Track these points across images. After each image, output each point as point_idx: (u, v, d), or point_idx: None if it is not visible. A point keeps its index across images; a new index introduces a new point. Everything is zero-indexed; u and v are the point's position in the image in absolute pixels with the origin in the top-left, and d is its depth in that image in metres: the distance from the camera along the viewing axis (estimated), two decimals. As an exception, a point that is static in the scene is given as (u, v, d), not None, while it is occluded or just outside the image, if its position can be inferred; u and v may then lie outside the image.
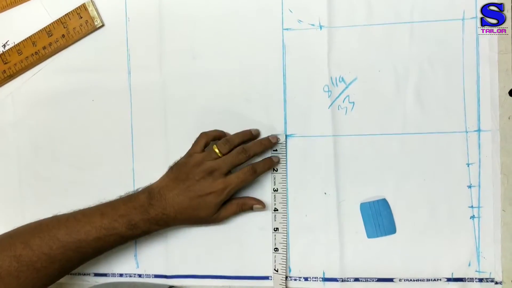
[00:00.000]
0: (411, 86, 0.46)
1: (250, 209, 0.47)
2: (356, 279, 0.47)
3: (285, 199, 0.48)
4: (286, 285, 0.48)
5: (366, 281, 0.47)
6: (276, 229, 0.48)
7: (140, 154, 0.50)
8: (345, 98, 0.47)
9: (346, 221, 0.47)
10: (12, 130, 0.53)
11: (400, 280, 0.47)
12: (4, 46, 0.52)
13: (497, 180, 0.45)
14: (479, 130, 0.45)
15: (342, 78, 0.47)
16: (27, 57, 0.51)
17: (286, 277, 0.48)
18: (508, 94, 0.44)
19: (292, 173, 0.48)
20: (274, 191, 0.48)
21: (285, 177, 0.48)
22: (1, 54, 0.51)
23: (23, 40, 0.51)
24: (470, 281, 0.46)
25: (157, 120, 0.50)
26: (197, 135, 0.49)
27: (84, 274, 0.52)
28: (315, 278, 0.48)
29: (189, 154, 0.46)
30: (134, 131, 0.50)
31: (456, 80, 0.45)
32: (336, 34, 0.46)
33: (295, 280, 0.48)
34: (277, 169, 0.48)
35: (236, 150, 0.45)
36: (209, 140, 0.46)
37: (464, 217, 0.46)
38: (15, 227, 0.44)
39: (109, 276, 0.52)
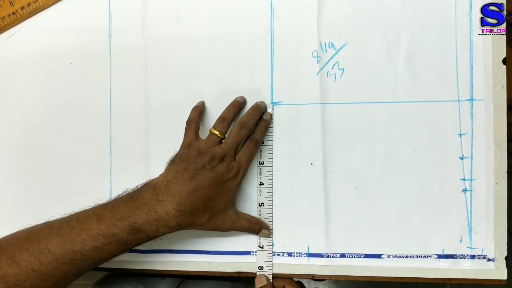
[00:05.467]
0: (402, 53, 0.44)
1: (257, 232, 0.45)
2: (342, 255, 0.45)
3: (271, 173, 0.46)
4: (272, 262, 0.45)
5: (352, 257, 0.45)
6: (261, 204, 0.46)
7: (118, 121, 0.48)
8: (334, 65, 0.45)
9: (333, 193, 0.45)
10: (-16, 94, 0.50)
11: (388, 256, 0.44)
12: (-21, 5, 0.49)
13: (490, 151, 0.43)
14: (471, 99, 0.43)
15: (332, 43, 0.45)
16: (3, 17, 0.49)
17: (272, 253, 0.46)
18: (502, 63, 0.43)
19: (277, 142, 0.46)
20: (260, 164, 0.46)
21: (271, 150, 0.46)
22: (-24, 12, 0.49)
23: (0, -1, 0.49)
24: (462, 257, 0.44)
25: (137, 85, 0.48)
26: (178, 101, 0.47)
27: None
28: (299, 253, 0.45)
29: (188, 144, 0.42)
30: (112, 95, 0.48)
31: (449, 47, 0.43)
32: (326, -3, 0.45)
33: (278, 255, 0.46)
34: (263, 141, 0.46)
35: (236, 127, 0.42)
36: (198, 123, 0.44)
37: (456, 190, 0.44)
38: None
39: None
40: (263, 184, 0.46)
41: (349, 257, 0.45)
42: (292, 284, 0.45)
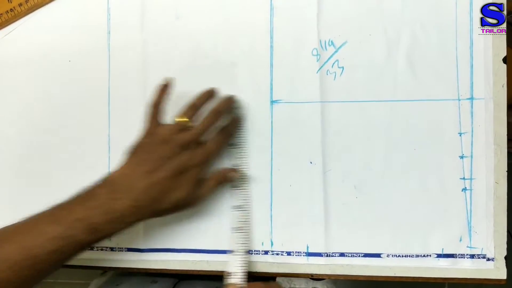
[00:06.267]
0: (402, 52, 0.44)
1: (228, 180, 0.44)
2: (342, 254, 0.45)
3: (245, 176, 0.45)
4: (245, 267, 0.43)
5: (352, 256, 0.44)
6: (236, 207, 0.45)
7: (117, 118, 0.48)
8: (334, 63, 0.45)
9: (332, 192, 0.45)
10: (-18, 91, 0.50)
11: (388, 255, 0.44)
12: (-23, 1, 0.49)
13: (490, 150, 0.43)
14: (472, 98, 0.43)
15: (332, 41, 0.45)
16: (1, 14, 0.49)
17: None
18: (502, 61, 0.43)
19: (276, 141, 0.45)
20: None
21: (242, 152, 0.45)
22: (-26, 9, 0.48)
23: (-2, -5, 0.48)
24: (461, 257, 0.43)
25: (136, 82, 0.47)
26: (179, 99, 0.46)
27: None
28: (298, 252, 0.45)
29: (149, 132, 0.41)
30: (111, 93, 0.48)
31: (449, 46, 0.43)
32: (326, -5, 0.45)
33: (277, 254, 0.45)
34: (235, 143, 0.45)
35: (209, 114, 0.41)
36: (161, 108, 0.41)
37: (456, 190, 0.43)
38: None
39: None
40: (237, 186, 0.45)
41: (349, 256, 0.45)
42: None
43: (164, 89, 0.42)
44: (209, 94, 0.43)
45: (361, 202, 0.44)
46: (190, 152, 0.40)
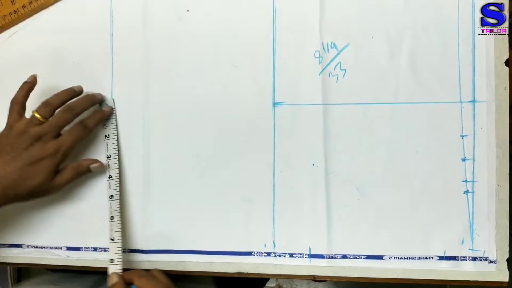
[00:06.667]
0: (404, 54, 0.44)
1: (88, 170, 0.46)
2: (344, 256, 0.45)
3: (117, 166, 0.47)
4: (122, 253, 0.45)
5: (354, 258, 0.45)
6: (111, 197, 0.46)
7: (119, 121, 0.48)
8: (336, 65, 0.45)
9: (334, 194, 0.45)
10: (-15, 93, 0.50)
11: (390, 258, 0.44)
12: (-19, 3, 0.49)
13: (492, 153, 0.43)
14: (474, 101, 0.43)
15: (334, 44, 0.45)
16: (5, 15, 0.49)
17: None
18: (504, 64, 0.43)
19: (279, 143, 0.46)
20: (108, 157, 0.47)
21: (116, 143, 0.47)
22: (-22, 11, 0.49)
23: (2, -3, 0.49)
24: (463, 259, 0.43)
25: (138, 84, 0.47)
26: (181, 100, 0.47)
27: (56, 248, 0.49)
28: (300, 254, 0.45)
29: (9, 125, 0.44)
30: (114, 94, 0.48)
31: (451, 48, 0.43)
32: (329, -3, 0.45)
33: (280, 256, 0.46)
34: (108, 135, 0.47)
35: (61, 109, 0.44)
36: (23, 103, 0.45)
37: (458, 192, 0.44)
38: None
39: (82, 250, 0.49)
40: (111, 177, 0.47)
41: (351, 258, 0.45)
42: (140, 276, 0.42)
43: (26, 86, 0.45)
44: (72, 93, 0.45)
45: (363, 204, 0.44)
46: (42, 144, 0.43)
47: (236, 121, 0.46)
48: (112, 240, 0.46)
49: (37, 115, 0.43)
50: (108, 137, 0.47)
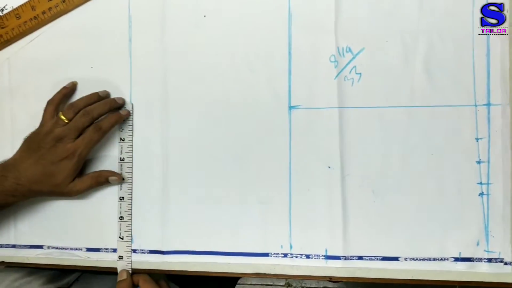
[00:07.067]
0: (419, 58, 0.44)
1: (106, 181, 0.48)
2: (360, 257, 0.45)
3: (131, 168, 0.48)
4: (131, 251, 0.48)
5: (370, 259, 0.45)
6: (121, 198, 0.48)
7: (138, 125, 0.49)
8: (351, 69, 0.45)
9: (350, 196, 0.45)
10: (7, 97, 0.51)
11: (405, 259, 0.45)
12: (2, 10, 0.50)
13: (507, 155, 0.43)
14: (488, 104, 0.44)
15: (349, 48, 0.45)
16: (25, 21, 0.50)
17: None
18: (519, 68, 0.43)
19: (295, 145, 0.46)
20: (121, 160, 0.48)
21: (131, 146, 0.48)
22: (-1, 18, 0.50)
23: (22, 4, 0.50)
24: (479, 261, 0.44)
25: (157, 89, 0.48)
26: (198, 105, 0.48)
27: (76, 249, 0.50)
28: (317, 255, 0.46)
29: (41, 124, 0.47)
30: (132, 99, 0.49)
31: (466, 52, 0.44)
32: (344, 2, 0.45)
33: (296, 257, 0.46)
34: (124, 138, 0.48)
35: (79, 113, 0.46)
36: (56, 106, 0.47)
37: (473, 194, 0.44)
38: None
39: (102, 251, 0.50)
40: (124, 180, 0.48)
41: (367, 259, 0.45)
42: (146, 281, 0.47)
43: (64, 91, 0.48)
44: (96, 97, 0.47)
45: (379, 206, 0.45)
46: (62, 145, 0.45)
47: (253, 125, 0.47)
48: (121, 238, 0.48)
49: (62, 117, 0.45)
50: (123, 140, 0.48)
